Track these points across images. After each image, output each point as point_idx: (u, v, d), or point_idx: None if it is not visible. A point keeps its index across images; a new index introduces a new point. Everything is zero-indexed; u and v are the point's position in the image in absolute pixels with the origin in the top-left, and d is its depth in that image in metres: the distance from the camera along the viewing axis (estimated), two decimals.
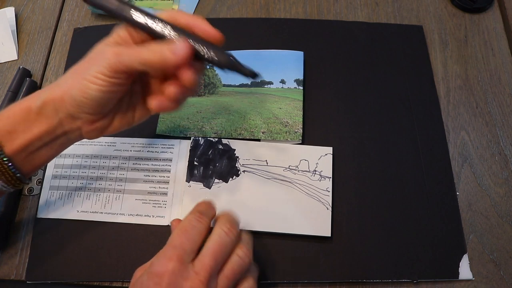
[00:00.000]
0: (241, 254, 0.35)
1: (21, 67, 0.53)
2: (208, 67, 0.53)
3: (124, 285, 0.43)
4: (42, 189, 0.47)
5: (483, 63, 0.54)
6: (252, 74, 0.34)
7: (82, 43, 0.56)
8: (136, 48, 0.33)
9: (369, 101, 0.52)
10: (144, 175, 0.48)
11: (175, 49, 0.32)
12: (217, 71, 0.54)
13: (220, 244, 0.35)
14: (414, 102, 0.51)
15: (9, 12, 0.58)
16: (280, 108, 0.51)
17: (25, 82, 0.52)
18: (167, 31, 0.33)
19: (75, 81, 0.34)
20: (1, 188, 0.35)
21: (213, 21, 0.56)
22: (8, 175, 0.35)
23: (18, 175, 0.35)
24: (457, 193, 0.47)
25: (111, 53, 0.33)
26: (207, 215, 0.37)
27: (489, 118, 0.51)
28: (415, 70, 0.53)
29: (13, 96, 0.51)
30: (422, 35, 0.56)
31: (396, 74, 0.53)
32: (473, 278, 0.43)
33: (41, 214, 0.46)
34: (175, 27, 0.34)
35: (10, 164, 0.34)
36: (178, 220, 0.39)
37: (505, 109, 0.51)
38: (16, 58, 0.56)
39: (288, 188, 0.46)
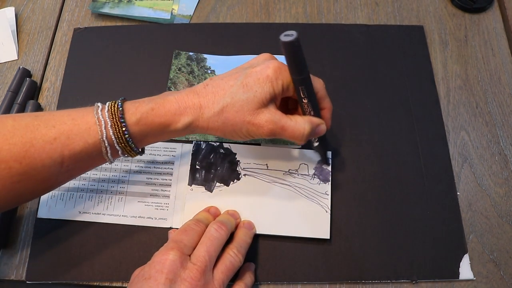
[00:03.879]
0: (232, 254, 0.39)
1: (21, 67, 0.53)
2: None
3: (124, 285, 0.44)
4: None
5: (483, 63, 0.54)
6: (326, 163, 0.47)
7: (82, 43, 0.56)
8: (286, 121, 0.38)
9: (369, 103, 0.52)
10: (147, 178, 0.48)
11: (304, 137, 0.39)
12: None
13: (211, 239, 0.38)
14: (414, 102, 0.51)
15: (9, 12, 0.58)
16: None
17: (25, 82, 0.52)
18: (308, 111, 0.40)
19: (226, 128, 0.38)
20: (111, 157, 0.38)
21: (213, 26, 0.57)
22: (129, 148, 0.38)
23: (136, 149, 0.39)
24: (458, 193, 0.47)
25: (267, 130, 0.38)
26: (203, 222, 0.41)
27: (489, 118, 0.51)
28: (415, 70, 0.53)
29: (13, 96, 0.51)
30: (423, 35, 0.56)
31: (396, 75, 0.53)
32: (474, 278, 0.43)
33: (41, 214, 0.46)
34: (315, 109, 0.40)
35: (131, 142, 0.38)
36: (176, 230, 0.42)
37: (505, 109, 0.52)
38: (16, 58, 0.56)
39: (288, 192, 0.46)
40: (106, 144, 0.37)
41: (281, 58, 0.53)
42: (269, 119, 0.37)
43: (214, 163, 0.48)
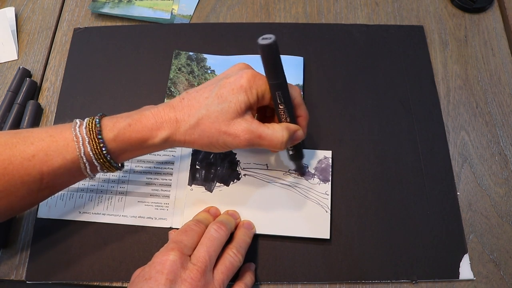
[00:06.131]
0: (232, 254, 0.39)
1: (21, 67, 0.53)
2: None
3: (124, 285, 0.44)
4: None
5: (483, 63, 0.54)
6: (302, 174, 0.47)
7: (82, 43, 0.56)
8: (264, 129, 0.38)
9: (369, 103, 0.52)
10: (147, 178, 0.48)
11: (283, 145, 0.38)
12: None
13: (211, 240, 0.38)
14: (414, 103, 0.51)
15: (9, 12, 0.58)
16: None
17: (25, 82, 0.52)
18: (284, 118, 0.40)
19: (203, 140, 0.38)
20: (91, 173, 0.39)
21: (213, 26, 0.57)
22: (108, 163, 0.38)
23: (115, 164, 0.39)
24: (458, 193, 0.47)
25: (244, 140, 0.37)
26: (203, 222, 0.41)
27: (489, 118, 0.51)
28: (415, 70, 0.53)
29: (13, 96, 0.51)
30: (423, 36, 0.56)
31: (396, 75, 0.53)
32: (474, 278, 0.43)
33: (42, 214, 0.46)
34: (291, 115, 0.40)
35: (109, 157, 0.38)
36: (176, 230, 0.42)
37: (505, 109, 0.52)
38: (16, 58, 0.56)
39: (288, 192, 0.46)
40: (85, 160, 0.37)
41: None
42: (245, 128, 0.37)
43: (214, 163, 0.48)
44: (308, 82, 0.53)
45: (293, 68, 0.53)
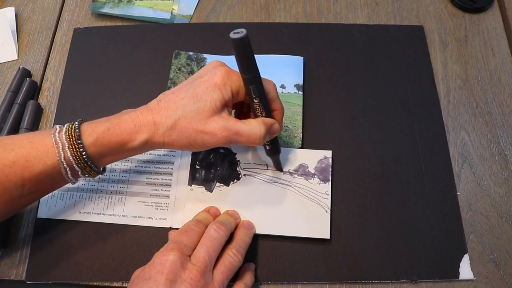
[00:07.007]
0: (231, 254, 0.39)
1: (21, 67, 0.53)
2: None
3: (124, 285, 0.44)
4: None
5: (483, 63, 0.54)
6: (279, 169, 0.47)
7: (82, 43, 0.56)
8: (240, 125, 0.38)
9: (369, 103, 0.52)
10: (147, 178, 0.48)
11: (261, 139, 0.38)
12: None
13: (211, 240, 0.38)
14: (414, 103, 0.51)
15: (9, 12, 0.58)
16: None
17: (25, 82, 0.52)
18: (259, 112, 0.40)
19: (181, 140, 0.38)
20: (72, 179, 0.39)
21: (213, 26, 0.57)
22: (89, 168, 0.39)
23: (96, 169, 0.39)
24: (458, 193, 0.47)
25: (222, 138, 0.38)
26: (203, 222, 0.41)
27: (489, 118, 0.51)
28: (415, 70, 0.53)
29: (13, 96, 0.51)
30: (423, 36, 0.56)
31: (396, 75, 0.53)
32: (474, 278, 0.43)
33: (41, 214, 0.46)
34: (267, 111, 0.40)
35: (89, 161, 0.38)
36: (176, 230, 0.42)
37: (505, 109, 0.52)
38: (16, 58, 0.56)
39: (288, 192, 0.46)
40: (65, 165, 0.37)
41: (278, 58, 0.53)
42: (222, 126, 0.37)
43: (214, 163, 0.48)
44: (308, 82, 0.53)
45: (293, 68, 0.53)
